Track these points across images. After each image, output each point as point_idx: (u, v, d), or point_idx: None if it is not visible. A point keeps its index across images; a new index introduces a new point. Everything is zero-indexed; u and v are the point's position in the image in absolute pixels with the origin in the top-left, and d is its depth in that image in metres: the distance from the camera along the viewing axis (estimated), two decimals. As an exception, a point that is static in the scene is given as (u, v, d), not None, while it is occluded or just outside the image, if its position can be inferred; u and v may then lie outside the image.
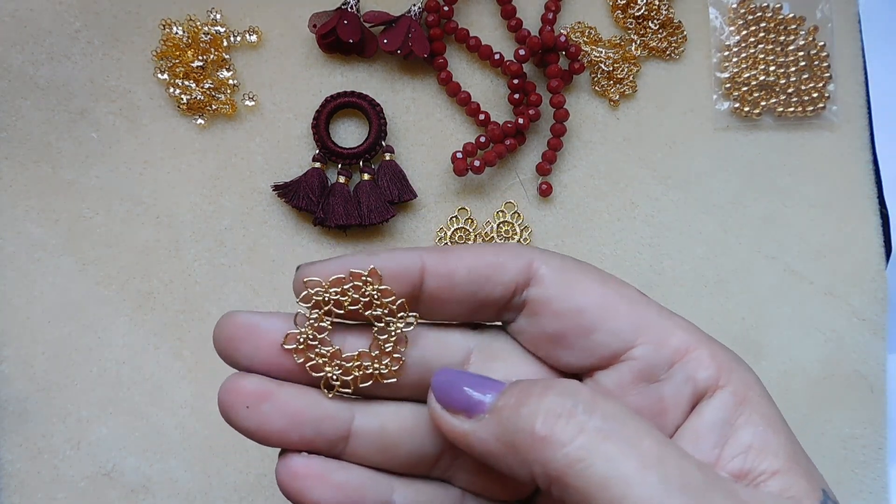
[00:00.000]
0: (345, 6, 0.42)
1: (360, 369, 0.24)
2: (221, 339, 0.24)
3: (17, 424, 0.40)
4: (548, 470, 0.21)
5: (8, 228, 0.41)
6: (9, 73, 0.41)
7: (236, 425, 0.24)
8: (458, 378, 0.24)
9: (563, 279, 0.25)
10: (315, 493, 0.24)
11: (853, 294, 0.43)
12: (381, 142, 0.42)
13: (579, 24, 0.44)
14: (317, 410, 0.24)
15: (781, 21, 0.44)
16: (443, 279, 0.24)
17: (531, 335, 0.26)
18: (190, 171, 0.42)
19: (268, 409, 0.23)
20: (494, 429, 0.23)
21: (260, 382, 0.24)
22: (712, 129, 0.44)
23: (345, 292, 0.24)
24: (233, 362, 0.24)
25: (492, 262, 0.25)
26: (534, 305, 0.25)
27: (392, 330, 0.25)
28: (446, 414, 0.23)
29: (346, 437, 0.25)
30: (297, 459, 0.24)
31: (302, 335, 0.24)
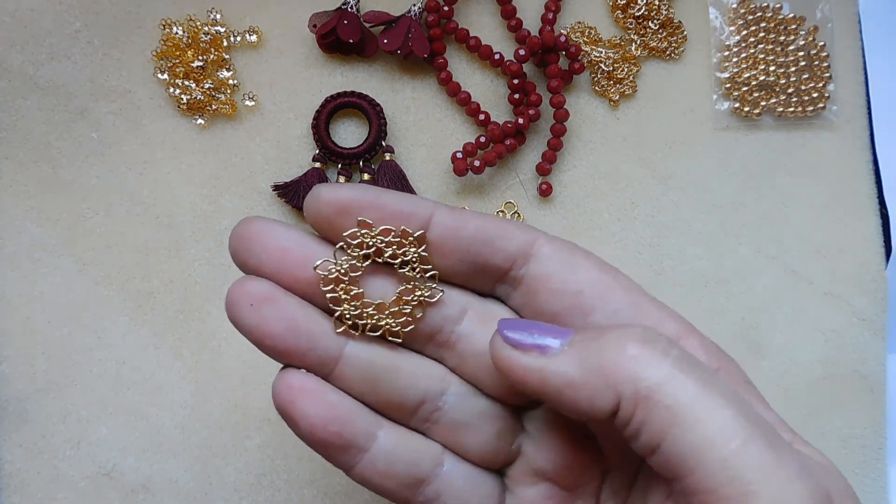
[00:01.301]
0: (345, 6, 0.42)
1: (372, 318, 0.25)
2: (240, 238, 0.24)
3: (17, 424, 0.40)
4: (639, 388, 0.22)
5: (8, 228, 0.41)
6: (9, 73, 0.41)
7: (238, 322, 0.24)
8: (527, 322, 0.24)
9: (564, 259, 0.25)
10: (305, 406, 0.24)
11: (853, 294, 0.43)
12: (381, 142, 0.42)
13: (579, 24, 0.44)
14: (315, 325, 0.24)
15: (781, 21, 0.44)
16: (448, 231, 0.25)
17: (529, 312, 0.26)
18: (190, 171, 0.42)
19: (270, 311, 0.24)
20: (577, 356, 0.23)
21: (269, 286, 0.24)
22: (712, 129, 0.44)
23: (389, 244, 0.25)
24: (245, 264, 0.24)
25: (498, 229, 0.25)
26: (532, 282, 0.25)
27: (417, 295, 0.25)
28: (516, 353, 0.23)
29: (337, 359, 0.25)
30: (294, 374, 0.24)
31: (339, 266, 0.24)
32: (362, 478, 0.25)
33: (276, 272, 0.24)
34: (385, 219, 0.24)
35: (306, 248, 0.24)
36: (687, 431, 0.21)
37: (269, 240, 0.24)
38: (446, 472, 0.26)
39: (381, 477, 0.25)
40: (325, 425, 0.24)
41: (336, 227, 0.24)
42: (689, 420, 0.21)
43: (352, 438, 0.25)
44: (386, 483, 0.26)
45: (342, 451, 0.25)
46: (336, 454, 0.25)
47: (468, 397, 0.27)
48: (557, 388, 0.23)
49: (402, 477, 0.26)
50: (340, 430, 0.24)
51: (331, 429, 0.24)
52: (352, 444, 0.25)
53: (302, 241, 0.24)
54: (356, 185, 0.24)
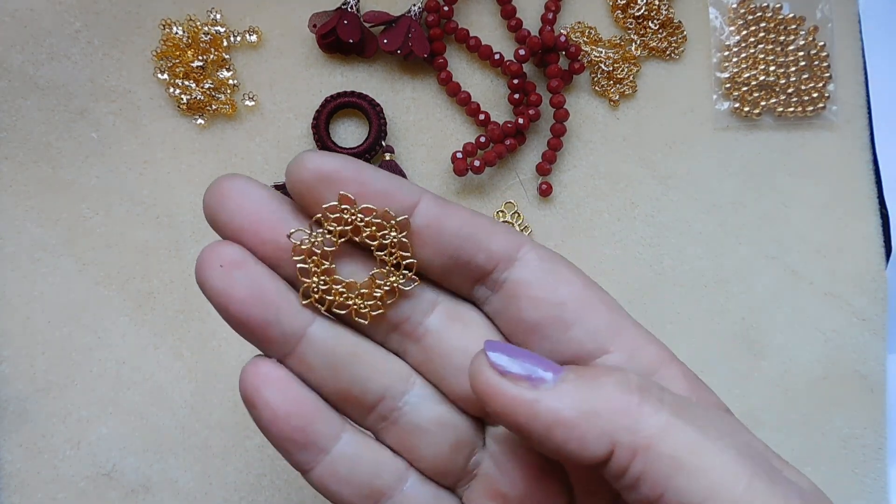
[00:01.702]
0: (345, 6, 0.42)
1: (341, 295, 0.24)
2: (215, 193, 0.23)
3: (17, 424, 0.40)
4: (638, 438, 0.21)
5: (8, 228, 0.41)
6: (9, 73, 0.41)
7: (205, 284, 0.23)
8: (515, 348, 0.23)
9: (548, 268, 0.25)
10: (269, 394, 0.23)
11: (853, 294, 0.43)
12: (381, 142, 0.42)
13: (579, 24, 0.44)
14: (282, 297, 0.24)
15: (781, 21, 0.44)
16: (433, 220, 0.24)
17: (507, 319, 0.25)
18: (190, 171, 0.42)
19: (239, 275, 0.23)
20: (571, 395, 0.22)
21: (240, 252, 0.23)
22: (712, 129, 0.44)
23: (369, 224, 0.24)
24: (215, 219, 0.23)
25: (485, 227, 0.24)
26: (513, 287, 0.24)
27: (391, 281, 0.24)
28: (503, 380, 0.22)
29: (300, 337, 0.24)
30: (266, 362, 0.24)
31: (313, 237, 0.23)
32: (320, 482, 0.25)
33: (247, 232, 0.23)
34: (368, 197, 0.23)
35: (281, 214, 0.23)
36: (693, 480, 0.21)
37: (245, 199, 0.23)
38: (408, 490, 0.25)
39: (339, 483, 0.25)
40: (287, 417, 0.24)
41: (316, 196, 0.23)
42: (694, 468, 0.21)
43: (313, 436, 0.24)
44: (343, 491, 0.25)
45: (301, 448, 0.24)
46: (295, 451, 0.24)
47: (429, 401, 0.26)
48: (547, 426, 0.22)
49: (362, 486, 0.25)
50: (303, 424, 0.24)
51: (293, 422, 0.24)
52: (313, 441, 0.24)
53: (278, 206, 0.23)
54: (344, 157, 0.23)
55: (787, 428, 0.43)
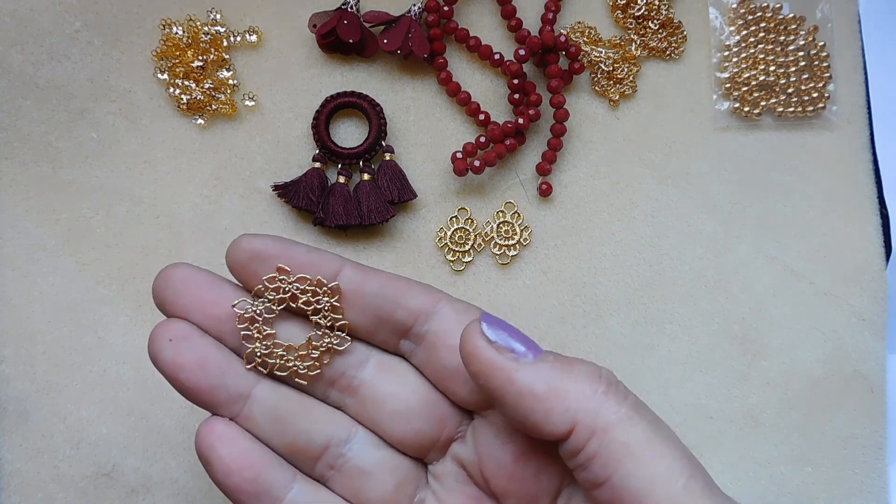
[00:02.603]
0: (345, 6, 0.42)
1: (281, 358, 0.27)
2: (163, 279, 0.27)
3: (17, 424, 0.40)
4: (598, 421, 0.23)
5: (8, 228, 0.41)
6: (9, 73, 0.41)
7: (156, 356, 0.26)
8: (506, 324, 0.25)
9: (463, 320, 0.27)
10: (222, 450, 0.26)
11: (853, 294, 0.43)
12: (381, 142, 0.42)
13: (579, 24, 0.44)
14: (226, 363, 0.26)
15: (781, 21, 0.44)
16: (354, 286, 0.27)
17: (431, 367, 0.28)
18: (190, 171, 0.42)
19: (186, 347, 0.26)
20: (546, 373, 0.24)
21: (187, 327, 0.26)
22: (712, 129, 0.44)
23: (304, 291, 0.26)
24: (163, 302, 0.27)
25: (401, 288, 0.27)
26: (433, 337, 0.27)
27: (326, 342, 0.27)
28: (490, 347, 0.24)
29: (246, 398, 0.27)
30: (219, 421, 0.26)
31: (255, 307, 0.26)
32: None
33: (193, 311, 0.26)
34: (295, 269, 0.26)
35: (222, 293, 0.26)
36: (638, 468, 0.23)
37: (190, 283, 0.26)
38: None
39: None
40: (240, 470, 0.26)
41: (250, 271, 0.26)
42: (641, 457, 0.23)
43: (265, 486, 0.26)
44: None
45: (255, 499, 0.26)
46: (249, 502, 0.26)
47: (371, 447, 0.28)
48: (519, 393, 0.24)
49: None
50: (255, 476, 0.26)
51: (245, 474, 0.26)
52: (266, 491, 0.26)
53: (218, 284, 0.27)
54: (274, 238, 0.26)
55: (787, 428, 0.43)
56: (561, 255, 0.43)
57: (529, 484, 0.27)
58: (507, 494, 0.27)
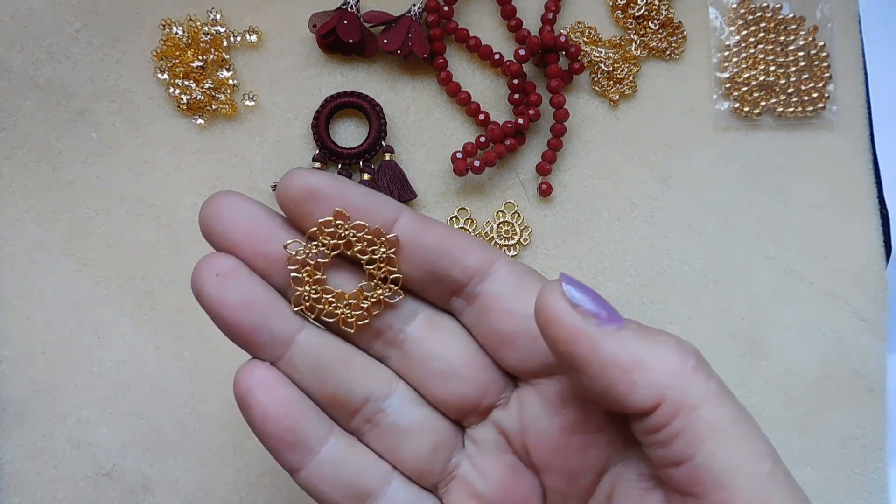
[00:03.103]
0: (345, 6, 0.42)
1: (330, 304, 0.26)
2: (211, 208, 0.24)
3: (17, 424, 0.40)
4: (687, 398, 0.22)
5: (8, 228, 0.41)
6: (9, 73, 0.41)
7: (200, 291, 0.25)
8: (588, 287, 0.24)
9: (520, 283, 0.26)
10: (261, 395, 0.25)
11: (853, 294, 0.43)
12: (381, 142, 0.42)
13: (579, 24, 0.44)
14: (273, 305, 0.25)
15: (781, 21, 0.44)
16: (411, 236, 0.25)
17: (481, 329, 0.26)
18: (190, 171, 0.42)
19: (233, 284, 0.24)
20: (634, 343, 0.23)
21: (235, 262, 0.24)
22: (712, 129, 0.44)
23: (361, 239, 0.25)
24: (211, 232, 0.25)
25: (460, 242, 0.25)
26: (486, 299, 0.26)
27: (377, 293, 0.26)
28: (575, 313, 0.23)
29: (289, 343, 0.25)
30: (259, 364, 0.25)
31: (308, 249, 0.25)
32: (308, 482, 0.26)
33: (241, 245, 0.24)
34: (350, 212, 0.24)
35: (272, 228, 0.25)
36: (723, 449, 0.22)
37: (239, 214, 0.24)
38: (392, 492, 0.27)
39: (326, 484, 0.26)
40: (278, 418, 0.25)
41: (303, 210, 0.24)
42: (728, 438, 0.22)
43: (303, 437, 0.25)
44: (330, 491, 0.26)
45: (291, 449, 0.25)
46: (285, 450, 0.25)
47: (411, 404, 0.27)
48: (604, 363, 0.22)
49: (348, 487, 0.26)
50: (293, 425, 0.25)
51: (283, 422, 0.25)
52: (302, 442, 0.25)
53: (270, 220, 0.25)
54: (330, 175, 0.24)
55: (787, 428, 0.43)
56: (561, 255, 0.43)
57: (574, 458, 0.26)
58: (549, 467, 0.26)
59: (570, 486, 0.26)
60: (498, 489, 0.27)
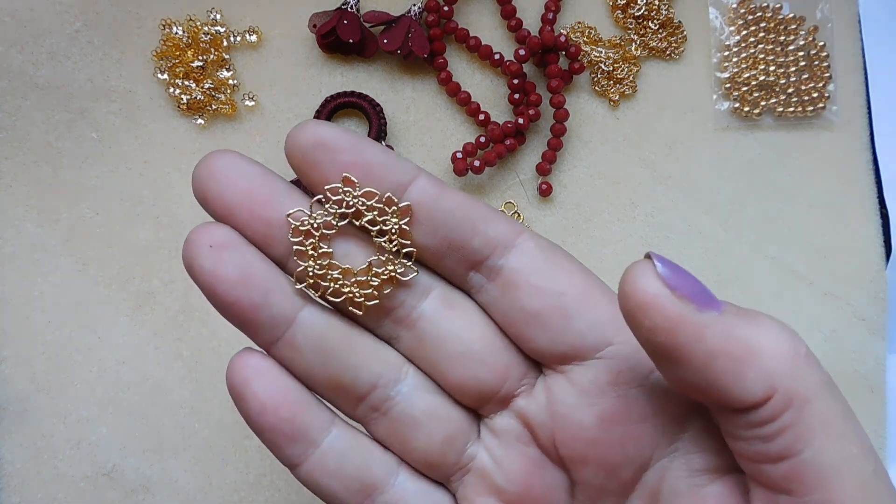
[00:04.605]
0: (345, 6, 0.42)
1: (336, 282, 0.23)
2: (205, 168, 0.22)
3: (17, 424, 0.40)
4: (800, 390, 0.20)
5: (8, 228, 0.41)
6: (9, 73, 0.41)
7: (192, 264, 0.22)
8: (680, 267, 0.21)
9: (547, 257, 0.24)
10: (257, 385, 0.23)
11: (853, 294, 0.43)
12: (381, 142, 0.42)
13: (579, 24, 0.44)
14: (272, 280, 0.23)
15: (781, 21, 0.44)
16: (428, 199, 0.23)
17: (503, 309, 0.24)
18: (190, 171, 0.42)
19: (228, 256, 0.22)
20: (739, 329, 0.20)
21: (231, 233, 0.22)
22: (712, 129, 0.44)
23: (371, 208, 0.22)
24: (205, 196, 0.23)
25: (482, 210, 0.23)
26: (511, 275, 0.23)
27: (389, 269, 0.23)
28: (674, 298, 0.20)
29: (290, 322, 0.23)
30: (253, 354, 0.23)
31: (313, 219, 0.23)
32: (310, 477, 0.24)
33: (238, 209, 0.22)
34: (363, 168, 0.22)
35: (273, 191, 0.23)
36: (833, 444, 0.20)
37: (236, 175, 0.22)
38: (399, 484, 0.25)
39: (329, 478, 0.24)
40: (276, 409, 0.23)
41: (311, 162, 0.22)
42: (838, 433, 0.20)
43: (302, 427, 0.23)
44: (334, 485, 0.24)
45: (291, 441, 0.23)
46: (284, 444, 0.23)
47: (422, 391, 0.25)
48: (710, 353, 0.20)
49: (352, 481, 0.24)
50: (292, 416, 0.23)
51: (281, 413, 0.23)
52: (302, 433, 0.23)
53: (270, 183, 0.23)
54: (342, 129, 0.22)
55: (787, 428, 0.43)
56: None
57: (613, 452, 0.24)
58: (582, 461, 0.24)
59: (607, 481, 0.24)
60: (520, 484, 0.25)
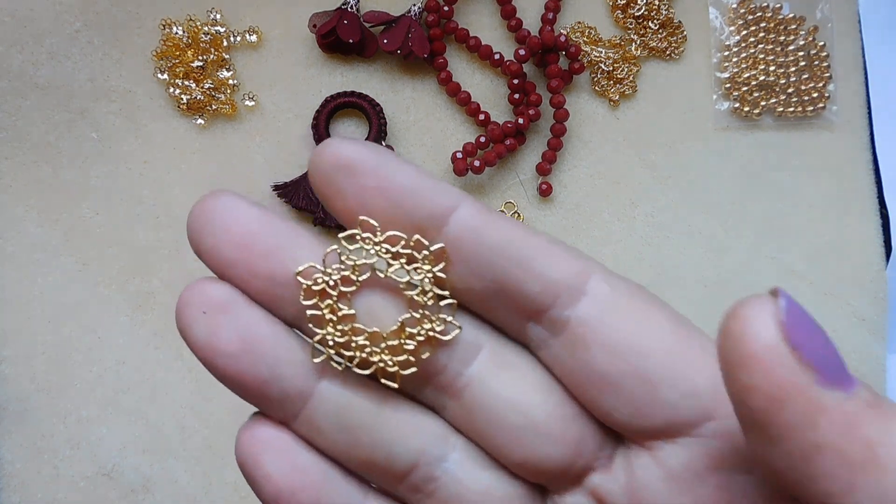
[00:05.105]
0: (345, 6, 0.42)
1: (363, 350, 0.19)
2: (199, 214, 0.19)
3: (17, 424, 0.40)
4: None
5: (8, 228, 0.41)
6: (9, 73, 0.41)
7: (186, 332, 0.19)
8: (812, 322, 0.16)
9: (629, 307, 0.19)
10: (272, 466, 0.20)
11: (853, 294, 0.43)
12: (381, 142, 0.42)
13: (579, 24, 0.44)
14: (282, 347, 0.19)
15: (781, 21, 0.44)
16: (469, 233, 0.18)
17: (571, 369, 0.19)
18: (190, 171, 0.42)
19: (225, 323, 0.18)
20: (871, 426, 0.15)
21: (229, 292, 0.19)
22: (712, 129, 0.44)
23: (397, 256, 0.18)
24: (199, 247, 0.19)
25: (539, 247, 0.18)
26: (580, 329, 0.19)
27: (425, 329, 0.19)
28: (792, 358, 0.15)
29: (308, 397, 0.19)
30: (265, 425, 0.20)
31: (327, 276, 0.18)
32: None
33: (237, 263, 0.19)
34: (391, 194, 0.18)
35: (280, 237, 0.19)
36: None
37: (235, 220, 0.19)
38: None
39: None
40: (293, 492, 0.19)
41: (333, 188, 0.18)
42: None
43: None
44: None
45: None
46: None
47: (474, 467, 0.20)
48: (818, 444, 0.15)
49: None
50: (314, 501, 0.19)
51: (301, 497, 0.19)
52: None
53: (274, 229, 0.19)
54: (373, 147, 0.18)
55: (787, 428, 0.43)
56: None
57: None
58: None
59: None
60: None
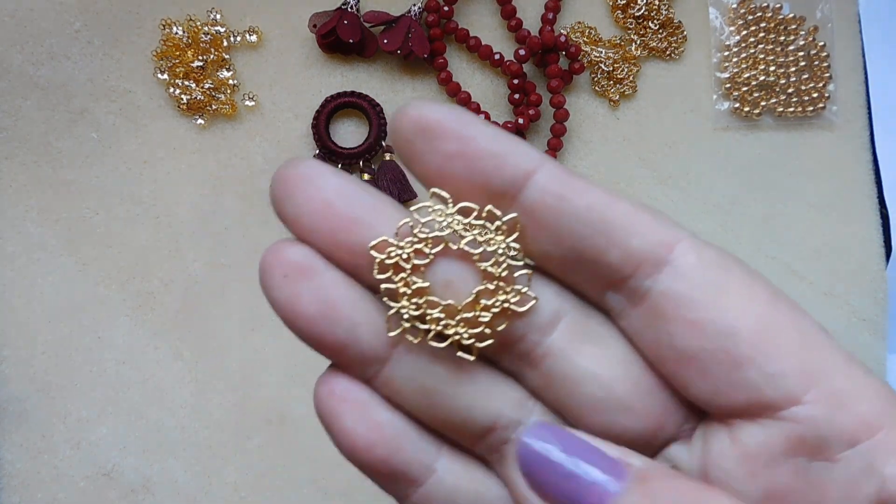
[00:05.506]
0: (345, 6, 0.42)
1: (438, 322, 0.19)
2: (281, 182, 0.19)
3: (17, 424, 0.40)
4: None
5: (8, 228, 0.41)
6: (9, 73, 0.41)
7: (268, 293, 0.19)
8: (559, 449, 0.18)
9: (717, 280, 0.18)
10: (349, 421, 0.19)
11: (853, 294, 0.43)
12: (381, 142, 0.42)
13: (579, 24, 0.44)
14: (361, 312, 0.19)
15: (781, 21, 0.44)
16: (550, 199, 0.18)
17: (651, 343, 0.19)
18: (190, 171, 0.42)
19: (306, 288, 0.18)
20: None
21: (307, 255, 0.19)
22: (712, 129, 0.44)
23: (469, 227, 0.18)
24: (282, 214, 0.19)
25: (624, 213, 0.18)
26: (662, 302, 0.18)
27: (500, 300, 0.19)
28: None
29: (386, 359, 0.19)
30: (340, 379, 0.19)
31: (400, 251, 0.19)
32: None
33: (319, 233, 0.19)
34: (472, 157, 0.18)
35: (360, 209, 0.19)
36: None
37: (313, 191, 0.18)
38: None
39: None
40: (368, 448, 0.19)
41: (414, 151, 0.19)
42: None
43: (401, 468, 0.20)
44: None
45: (388, 481, 0.20)
46: (382, 482, 0.20)
47: None
48: None
49: None
50: (387, 456, 0.20)
51: (377, 453, 0.20)
52: (402, 473, 0.20)
53: (356, 199, 0.18)
54: (452, 108, 0.18)
55: (787, 428, 0.43)
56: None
57: None
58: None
59: None
60: None
